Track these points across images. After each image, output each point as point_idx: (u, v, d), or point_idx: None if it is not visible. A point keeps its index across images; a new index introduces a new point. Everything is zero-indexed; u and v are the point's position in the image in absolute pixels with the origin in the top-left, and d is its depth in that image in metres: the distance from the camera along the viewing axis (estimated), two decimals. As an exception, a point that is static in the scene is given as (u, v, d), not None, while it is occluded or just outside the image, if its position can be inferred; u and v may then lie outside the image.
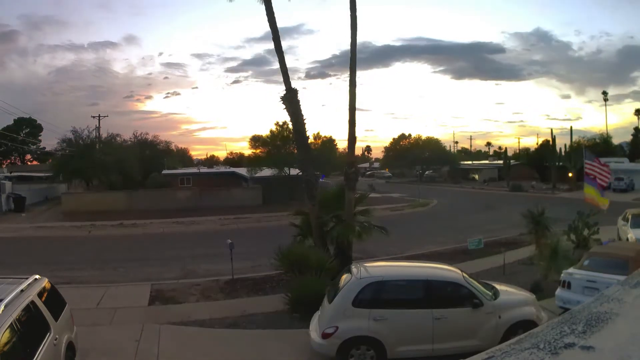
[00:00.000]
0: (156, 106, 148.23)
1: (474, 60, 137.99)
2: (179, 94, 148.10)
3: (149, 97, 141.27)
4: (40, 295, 6.22)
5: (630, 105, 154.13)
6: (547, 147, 58.03)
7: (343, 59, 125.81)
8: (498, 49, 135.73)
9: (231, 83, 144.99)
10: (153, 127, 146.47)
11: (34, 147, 73.89)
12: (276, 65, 14.32)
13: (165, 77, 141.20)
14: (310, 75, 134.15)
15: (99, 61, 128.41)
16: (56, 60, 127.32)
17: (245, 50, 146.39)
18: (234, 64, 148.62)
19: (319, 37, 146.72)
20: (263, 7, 13.76)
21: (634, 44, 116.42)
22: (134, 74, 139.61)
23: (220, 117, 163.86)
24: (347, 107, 13.80)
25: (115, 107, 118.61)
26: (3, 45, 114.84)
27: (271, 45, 14.57)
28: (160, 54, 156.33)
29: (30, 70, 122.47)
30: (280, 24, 13.78)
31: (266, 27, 13.98)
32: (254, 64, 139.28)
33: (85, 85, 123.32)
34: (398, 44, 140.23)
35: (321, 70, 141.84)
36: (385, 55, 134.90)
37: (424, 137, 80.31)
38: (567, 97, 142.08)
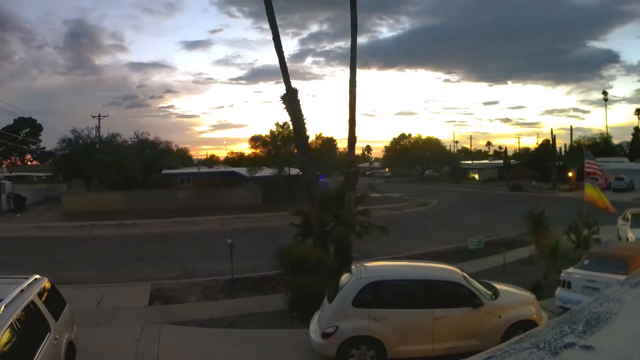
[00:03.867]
0: (166, 108, 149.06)
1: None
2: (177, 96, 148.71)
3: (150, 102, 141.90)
4: (40, 295, 6.21)
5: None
6: (547, 147, 58.04)
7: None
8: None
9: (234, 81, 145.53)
10: (165, 128, 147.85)
11: (34, 147, 73.96)
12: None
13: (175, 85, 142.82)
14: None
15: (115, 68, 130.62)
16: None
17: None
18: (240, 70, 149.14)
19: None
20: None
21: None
22: (149, 79, 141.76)
23: (229, 117, 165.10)
24: (347, 106, 13.83)
25: (125, 110, 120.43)
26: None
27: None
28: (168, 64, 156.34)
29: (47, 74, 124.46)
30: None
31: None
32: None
33: (99, 90, 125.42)
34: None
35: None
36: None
37: (424, 137, 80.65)
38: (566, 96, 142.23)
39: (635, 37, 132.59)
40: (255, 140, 44.63)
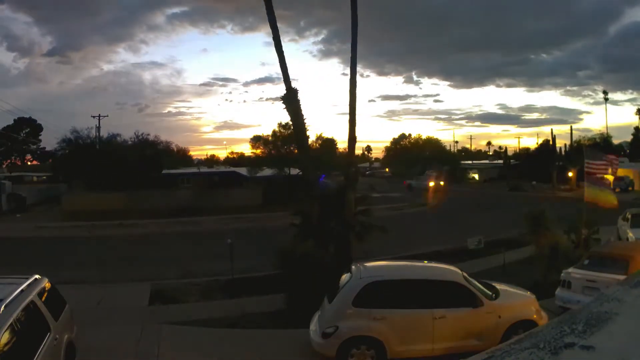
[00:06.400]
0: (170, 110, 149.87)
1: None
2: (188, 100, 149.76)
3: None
4: (40, 295, 6.20)
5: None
6: (547, 147, 58.04)
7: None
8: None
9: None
10: (168, 129, 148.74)
11: (34, 147, 73.93)
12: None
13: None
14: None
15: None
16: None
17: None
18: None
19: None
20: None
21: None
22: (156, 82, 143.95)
23: (232, 118, 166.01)
24: (348, 106, 13.82)
25: (127, 111, 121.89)
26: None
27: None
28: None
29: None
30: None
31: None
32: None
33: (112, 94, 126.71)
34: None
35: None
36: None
37: (424, 137, 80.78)
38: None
39: None
40: (256, 141, 44.70)
